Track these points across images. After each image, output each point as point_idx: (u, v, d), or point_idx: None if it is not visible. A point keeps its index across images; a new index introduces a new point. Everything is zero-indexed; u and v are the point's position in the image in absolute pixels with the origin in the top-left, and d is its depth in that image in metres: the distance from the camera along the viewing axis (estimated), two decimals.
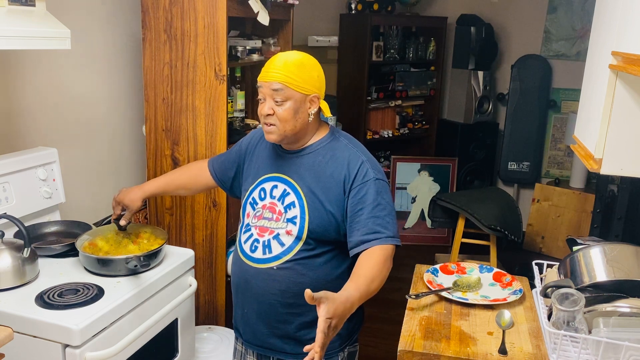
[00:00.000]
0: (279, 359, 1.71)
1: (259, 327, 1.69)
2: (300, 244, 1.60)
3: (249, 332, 1.73)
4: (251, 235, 1.67)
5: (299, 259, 1.60)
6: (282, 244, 1.61)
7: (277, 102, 1.57)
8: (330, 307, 1.30)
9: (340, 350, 1.71)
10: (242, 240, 1.70)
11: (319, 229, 1.59)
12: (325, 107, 1.65)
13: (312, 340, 1.64)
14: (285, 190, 1.64)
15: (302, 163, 1.64)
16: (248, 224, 1.70)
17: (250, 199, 1.71)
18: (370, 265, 1.49)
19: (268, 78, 1.58)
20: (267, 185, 1.68)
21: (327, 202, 1.59)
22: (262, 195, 1.68)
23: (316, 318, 1.64)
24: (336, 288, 1.64)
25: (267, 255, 1.63)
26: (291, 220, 1.61)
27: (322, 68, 1.65)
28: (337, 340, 1.69)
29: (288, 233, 1.61)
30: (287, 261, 1.60)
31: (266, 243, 1.63)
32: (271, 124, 1.59)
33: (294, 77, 1.57)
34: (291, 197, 1.62)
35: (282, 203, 1.63)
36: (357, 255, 1.55)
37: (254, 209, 1.69)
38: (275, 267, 1.61)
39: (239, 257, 1.70)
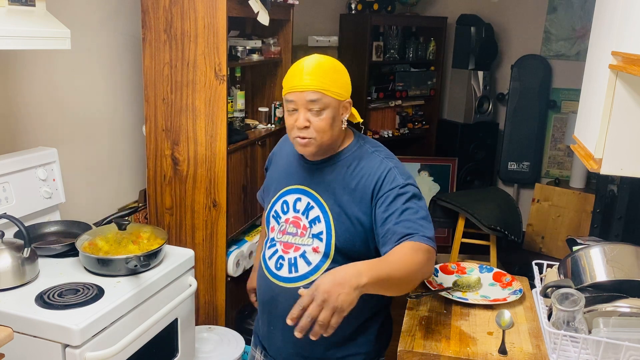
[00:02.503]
0: None
1: (285, 347, 1.61)
2: (328, 262, 1.51)
3: (274, 349, 1.66)
4: (276, 251, 1.60)
5: None
6: (308, 263, 1.53)
7: (313, 112, 1.46)
8: (312, 287, 1.19)
9: None
10: (267, 255, 1.63)
11: (346, 245, 1.50)
12: (355, 111, 1.56)
13: (339, 357, 1.58)
14: (309, 203, 1.55)
15: (327, 174, 1.54)
16: (273, 239, 1.62)
17: (272, 212, 1.63)
18: (394, 251, 1.36)
19: (302, 87, 1.45)
20: (290, 198, 1.59)
21: (353, 215, 1.49)
22: (285, 209, 1.60)
23: (344, 337, 1.56)
24: (366, 307, 1.55)
25: (294, 275, 1.55)
26: (317, 237, 1.52)
27: None
28: (361, 357, 1.62)
29: (315, 250, 1.52)
30: (314, 281, 1.49)
31: (292, 261, 1.55)
32: (307, 137, 1.48)
33: (331, 82, 1.46)
34: (315, 212, 1.53)
35: (307, 217, 1.55)
36: None
37: (278, 223, 1.61)
38: (302, 287, 1.54)
39: (264, 274, 1.63)
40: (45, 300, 1.61)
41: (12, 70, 2.11)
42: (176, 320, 1.95)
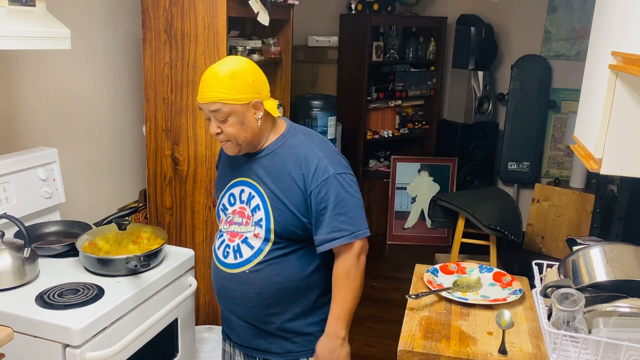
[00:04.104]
0: (265, 358, 1.72)
1: (243, 330, 1.70)
2: (269, 244, 1.60)
3: (235, 335, 1.75)
4: (223, 241, 1.68)
5: (270, 260, 1.60)
6: (251, 247, 1.61)
7: (220, 119, 1.55)
8: None
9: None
10: (216, 246, 1.71)
11: (284, 229, 1.58)
12: (271, 107, 1.60)
13: (297, 334, 1.68)
14: (250, 193, 1.64)
15: (262, 165, 1.63)
16: (221, 230, 1.71)
17: (221, 206, 1.72)
18: (339, 285, 1.61)
19: (204, 100, 1.54)
20: (236, 190, 1.68)
21: (289, 202, 1.58)
22: (232, 201, 1.68)
23: (297, 313, 1.67)
24: (311, 284, 1.67)
25: (239, 260, 1.63)
26: (258, 223, 1.61)
27: (322, 68, 1.63)
28: (322, 333, 1.67)
29: (256, 236, 1.61)
30: (258, 263, 1.60)
31: (236, 247, 1.64)
32: (225, 141, 1.59)
33: (228, 91, 1.52)
34: (256, 200, 1.62)
35: (249, 206, 1.63)
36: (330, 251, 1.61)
37: (225, 214, 1.69)
38: (247, 271, 1.61)
39: (214, 264, 1.71)
40: (45, 300, 1.61)
41: (12, 70, 2.11)
42: (176, 320, 1.96)
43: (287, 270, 1.61)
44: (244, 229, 1.63)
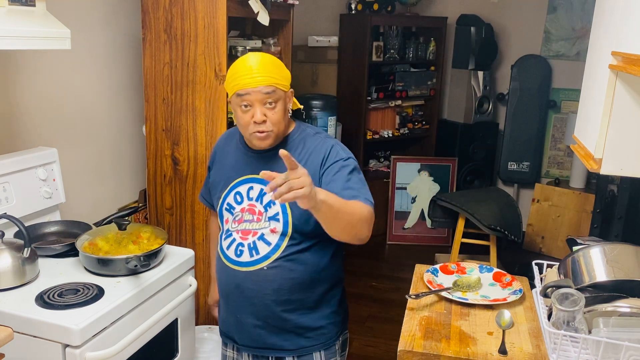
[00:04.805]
0: (278, 357, 1.71)
1: (256, 329, 1.69)
2: (287, 239, 1.61)
3: (245, 337, 1.73)
4: (233, 240, 1.67)
5: (287, 256, 1.61)
6: (268, 243, 1.62)
7: (268, 105, 1.55)
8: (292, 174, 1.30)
9: (337, 339, 1.74)
10: (225, 246, 1.70)
11: (302, 221, 1.59)
12: (294, 99, 1.67)
13: (309, 329, 1.68)
14: (262, 190, 1.64)
15: (277, 160, 1.61)
16: (228, 230, 1.69)
17: (225, 205, 1.70)
18: (350, 202, 1.49)
19: (256, 83, 1.53)
20: (243, 189, 1.67)
21: None
22: (239, 199, 1.67)
23: (309, 307, 1.67)
24: (325, 278, 1.69)
25: (255, 257, 1.63)
26: (273, 218, 1.61)
27: (322, 68, 1.64)
28: (333, 328, 1.73)
29: (273, 231, 1.61)
30: (276, 259, 1.61)
31: (252, 245, 1.63)
32: (265, 131, 1.57)
33: (277, 76, 1.56)
34: (269, 196, 1.60)
35: (261, 203, 1.64)
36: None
37: (232, 214, 1.69)
38: (265, 267, 1.61)
39: (224, 265, 1.70)
40: (45, 300, 1.61)
41: (12, 70, 2.11)
42: (176, 320, 1.96)
43: (302, 265, 1.62)
44: (257, 225, 1.63)
